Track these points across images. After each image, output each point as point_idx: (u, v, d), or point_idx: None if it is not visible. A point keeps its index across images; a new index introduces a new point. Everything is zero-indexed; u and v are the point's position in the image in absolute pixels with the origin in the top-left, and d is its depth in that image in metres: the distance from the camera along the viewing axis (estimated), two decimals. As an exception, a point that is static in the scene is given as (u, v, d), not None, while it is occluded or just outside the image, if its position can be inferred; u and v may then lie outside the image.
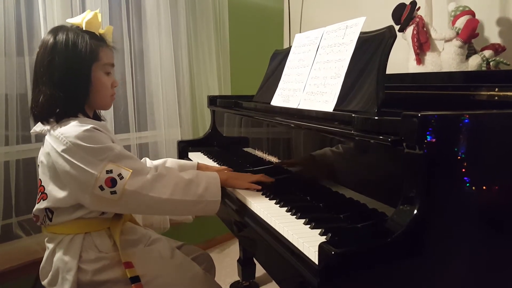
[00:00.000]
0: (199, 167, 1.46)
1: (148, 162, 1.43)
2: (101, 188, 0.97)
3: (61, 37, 1.06)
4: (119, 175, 0.98)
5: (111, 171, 0.98)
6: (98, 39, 1.11)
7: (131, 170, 0.99)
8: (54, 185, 1.05)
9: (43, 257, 1.12)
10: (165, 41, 2.18)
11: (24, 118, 1.69)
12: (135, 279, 1.06)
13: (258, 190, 1.18)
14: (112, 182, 0.98)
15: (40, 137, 1.09)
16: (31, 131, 1.11)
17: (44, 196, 1.08)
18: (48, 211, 1.08)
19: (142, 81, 2.19)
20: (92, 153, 0.99)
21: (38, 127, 1.09)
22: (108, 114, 1.89)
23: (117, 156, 1.01)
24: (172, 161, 1.46)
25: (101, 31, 1.13)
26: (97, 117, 1.22)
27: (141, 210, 1.16)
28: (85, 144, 0.99)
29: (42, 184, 1.09)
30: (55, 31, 1.08)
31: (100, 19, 1.12)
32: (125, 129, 2.11)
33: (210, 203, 1.09)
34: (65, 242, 1.07)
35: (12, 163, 1.66)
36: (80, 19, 1.10)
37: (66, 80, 1.05)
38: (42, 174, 1.09)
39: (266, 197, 1.12)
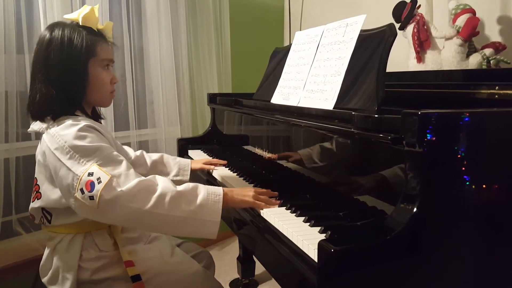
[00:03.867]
0: (193, 162, 1.47)
1: (146, 155, 1.43)
2: (82, 191, 0.90)
3: (57, 33, 1.04)
4: (98, 179, 0.90)
5: (92, 174, 0.91)
6: (95, 34, 1.08)
7: (110, 176, 0.91)
8: (49, 185, 1.04)
9: (43, 254, 1.12)
10: (165, 39, 2.18)
11: (24, 116, 1.68)
12: (136, 278, 1.06)
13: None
14: (91, 186, 0.90)
15: (39, 135, 1.08)
16: (29, 129, 1.09)
17: (39, 196, 1.06)
18: (46, 212, 1.07)
19: (142, 79, 2.19)
20: (81, 152, 0.95)
21: (36, 125, 1.07)
22: (108, 112, 1.89)
23: (104, 158, 0.95)
24: (168, 157, 1.46)
25: (100, 26, 1.11)
26: (96, 115, 1.20)
27: (124, 221, 1.00)
28: (76, 143, 0.95)
29: (37, 183, 1.08)
30: (51, 27, 1.06)
31: (97, 14, 1.09)
32: (125, 127, 2.11)
33: (206, 223, 0.96)
34: (65, 241, 1.06)
35: (12, 160, 1.66)
36: (77, 15, 1.08)
37: (61, 77, 1.03)
38: (38, 173, 1.08)
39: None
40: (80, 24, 1.07)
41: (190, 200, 0.96)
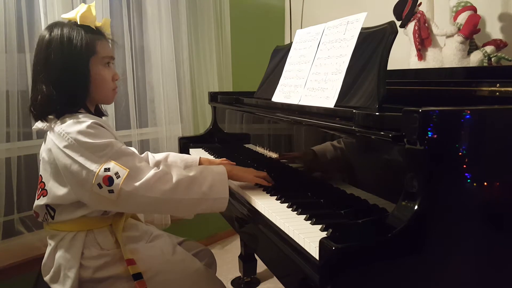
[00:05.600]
0: (201, 161, 1.46)
1: (150, 156, 1.44)
2: (99, 186, 0.95)
3: (56, 33, 1.05)
4: (116, 173, 0.95)
5: (108, 169, 0.95)
6: (94, 33, 1.09)
7: (128, 170, 0.96)
8: (55, 182, 1.05)
9: (44, 253, 1.12)
10: (166, 37, 2.18)
11: (25, 115, 1.69)
12: (138, 276, 1.06)
13: (262, 186, 1.16)
14: (110, 181, 0.95)
15: (41, 134, 1.09)
16: (33, 127, 1.10)
17: (44, 193, 1.07)
18: (50, 208, 1.08)
19: (143, 77, 2.19)
20: (93, 149, 0.97)
21: (40, 124, 1.08)
22: (109, 111, 1.89)
23: (117, 153, 0.99)
24: (174, 155, 1.46)
25: (97, 24, 1.11)
26: (99, 112, 1.21)
27: (142, 210, 1.13)
28: (86, 140, 0.98)
29: (42, 180, 1.09)
30: (50, 27, 1.07)
31: (94, 12, 1.10)
32: (126, 126, 2.11)
33: (217, 201, 1.05)
34: (67, 239, 1.07)
35: (14, 159, 1.67)
36: (74, 14, 1.08)
37: (63, 76, 1.04)
38: (43, 171, 1.08)
39: (267, 193, 1.12)
40: (78, 23, 1.07)
41: (201, 183, 1.04)
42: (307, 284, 0.76)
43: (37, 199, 1.10)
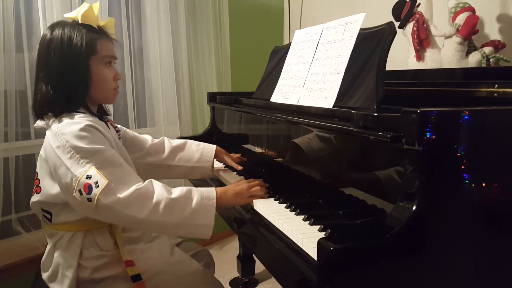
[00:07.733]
0: (217, 151, 1.43)
1: (166, 142, 1.42)
2: (80, 192, 0.93)
3: (57, 32, 1.05)
4: (96, 183, 0.92)
5: (90, 177, 0.93)
6: (95, 32, 1.08)
7: (107, 181, 0.92)
8: (50, 180, 1.04)
9: (43, 253, 1.12)
10: (165, 37, 2.18)
11: (23, 115, 1.69)
12: (137, 278, 1.06)
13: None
14: (89, 189, 0.92)
15: (40, 133, 1.09)
16: (34, 125, 1.10)
17: (38, 190, 1.07)
18: (45, 211, 1.08)
19: (142, 77, 2.19)
20: (81, 153, 0.95)
21: (41, 122, 1.07)
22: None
23: (103, 162, 0.96)
24: (192, 142, 1.44)
25: (101, 23, 1.11)
26: (102, 111, 1.20)
27: (120, 224, 1.07)
28: (77, 144, 0.96)
29: (38, 177, 1.09)
30: (52, 27, 1.07)
31: (96, 12, 1.09)
32: (124, 126, 2.07)
33: (199, 227, 0.99)
34: (66, 239, 1.06)
35: (12, 159, 1.66)
36: (76, 13, 1.08)
37: (63, 76, 1.04)
38: (40, 168, 1.08)
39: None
40: (80, 22, 1.07)
41: (183, 207, 0.98)
42: (306, 285, 0.77)
43: (32, 196, 1.10)
